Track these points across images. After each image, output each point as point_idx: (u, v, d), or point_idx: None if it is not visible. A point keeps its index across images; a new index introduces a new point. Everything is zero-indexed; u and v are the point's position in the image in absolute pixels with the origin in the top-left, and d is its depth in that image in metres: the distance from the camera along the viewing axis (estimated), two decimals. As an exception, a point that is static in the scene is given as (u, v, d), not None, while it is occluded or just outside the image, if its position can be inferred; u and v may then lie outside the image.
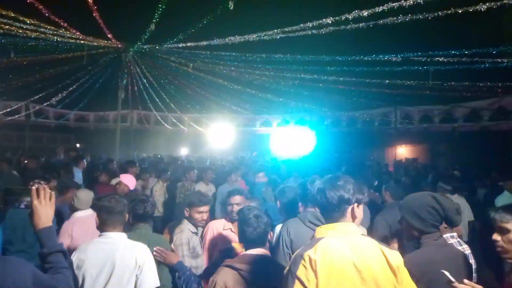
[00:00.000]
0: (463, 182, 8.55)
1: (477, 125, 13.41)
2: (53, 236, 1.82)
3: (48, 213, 1.81)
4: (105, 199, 2.85)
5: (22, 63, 14.41)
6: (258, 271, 2.29)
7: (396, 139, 17.34)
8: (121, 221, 2.82)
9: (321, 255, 1.83)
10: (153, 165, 10.67)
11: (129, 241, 2.79)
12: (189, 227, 3.46)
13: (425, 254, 2.41)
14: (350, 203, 2.01)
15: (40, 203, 1.80)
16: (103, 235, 2.76)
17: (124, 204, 2.86)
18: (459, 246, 2.83)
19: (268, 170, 8.72)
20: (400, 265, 1.90)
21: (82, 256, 2.66)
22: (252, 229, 2.51)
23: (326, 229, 1.99)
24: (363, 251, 1.89)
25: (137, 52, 14.10)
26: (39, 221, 1.78)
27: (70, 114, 21.44)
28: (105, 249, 2.67)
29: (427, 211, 2.51)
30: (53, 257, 1.76)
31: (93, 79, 16.57)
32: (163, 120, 21.62)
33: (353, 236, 1.96)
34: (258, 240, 2.52)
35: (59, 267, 1.75)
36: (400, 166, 14.61)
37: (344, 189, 2.00)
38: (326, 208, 2.03)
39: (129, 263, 2.62)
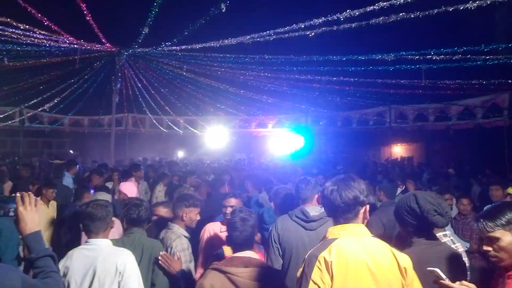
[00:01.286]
0: (458, 180, 8.65)
1: (471, 123, 13.49)
2: (40, 241, 1.81)
3: (34, 219, 1.81)
4: (88, 205, 2.83)
5: (16, 69, 14.35)
6: (245, 274, 2.28)
7: (391, 138, 17.41)
8: (105, 227, 2.78)
9: (336, 256, 1.81)
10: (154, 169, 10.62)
11: (113, 248, 2.76)
12: (182, 231, 3.42)
13: (414, 253, 2.32)
14: (363, 204, 2.00)
15: (26, 209, 1.79)
16: (88, 242, 2.74)
17: (107, 210, 2.81)
18: (452, 244, 2.80)
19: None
20: (408, 266, 1.89)
21: (67, 263, 2.66)
22: (238, 233, 2.51)
23: (339, 230, 1.96)
24: (376, 252, 1.87)
25: (131, 56, 14.07)
26: (26, 227, 1.78)
27: (65, 119, 21.35)
28: (88, 256, 2.65)
29: (406, 210, 2.51)
30: (42, 262, 1.75)
31: (87, 83, 16.54)
32: (158, 123, 21.57)
33: (365, 237, 1.95)
34: (245, 243, 2.51)
35: (48, 271, 1.74)
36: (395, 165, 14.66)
37: (359, 189, 1.98)
38: (340, 209, 1.98)
39: (109, 270, 2.59)
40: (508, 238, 1.98)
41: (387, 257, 1.88)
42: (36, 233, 1.80)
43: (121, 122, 21.23)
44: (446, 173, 10.47)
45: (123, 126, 21.36)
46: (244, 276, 2.25)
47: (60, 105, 17.94)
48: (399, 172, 10.52)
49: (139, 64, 15.43)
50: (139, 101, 18.77)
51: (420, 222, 2.48)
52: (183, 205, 3.49)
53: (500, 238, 1.99)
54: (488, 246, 2.05)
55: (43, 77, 15.47)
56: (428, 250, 2.41)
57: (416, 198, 2.49)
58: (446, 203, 2.67)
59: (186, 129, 21.67)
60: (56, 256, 1.85)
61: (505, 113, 11.99)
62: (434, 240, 2.53)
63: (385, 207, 4.43)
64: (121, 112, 20.19)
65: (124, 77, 15.65)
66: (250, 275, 2.25)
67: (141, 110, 20.37)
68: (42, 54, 13.28)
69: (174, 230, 3.41)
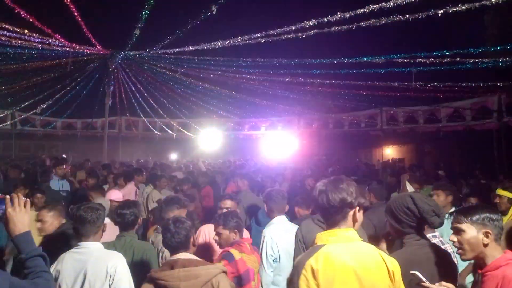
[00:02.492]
0: (448, 181, 8.71)
1: (460, 125, 13.62)
2: (30, 241, 1.82)
3: (24, 220, 1.82)
4: (79, 208, 2.83)
5: (7, 72, 14.26)
6: (170, 276, 2.26)
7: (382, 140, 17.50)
8: (95, 231, 2.78)
9: (323, 264, 1.81)
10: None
11: (103, 251, 2.76)
12: None
13: (405, 254, 2.40)
14: (352, 206, 1.96)
15: (14, 210, 1.80)
16: (78, 246, 2.74)
17: (98, 214, 2.81)
18: (442, 245, 2.84)
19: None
20: (396, 270, 1.91)
21: (58, 267, 2.66)
22: (170, 235, 2.50)
23: (327, 236, 1.95)
24: (364, 258, 1.87)
25: (123, 59, 14.04)
26: (15, 228, 1.79)
27: (57, 122, 21.23)
28: (78, 259, 2.65)
29: (403, 211, 2.53)
30: (32, 262, 1.76)
31: (79, 86, 16.46)
32: (152, 126, 21.52)
33: (354, 242, 1.94)
34: (179, 245, 2.50)
35: (38, 271, 1.75)
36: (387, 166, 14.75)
37: (347, 192, 1.94)
38: (327, 211, 1.97)
39: (100, 273, 2.59)
40: (472, 233, 2.10)
41: (376, 262, 1.88)
42: (26, 234, 1.81)
43: (114, 125, 21.15)
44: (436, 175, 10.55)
45: (116, 129, 21.28)
46: (169, 278, 2.22)
47: (52, 108, 17.86)
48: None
49: (132, 66, 15.40)
50: (132, 103, 18.72)
51: (418, 223, 2.51)
52: (175, 207, 3.50)
53: (465, 231, 2.11)
54: (455, 236, 2.17)
55: (35, 80, 15.38)
56: (419, 251, 2.44)
57: (413, 200, 2.52)
58: (439, 204, 2.77)
59: (179, 131, 21.65)
60: (47, 256, 1.86)
61: (495, 115, 12.11)
62: (425, 241, 2.56)
63: (376, 208, 4.47)
64: (114, 115, 20.11)
65: (117, 79, 15.61)
66: (175, 276, 2.23)
67: (134, 113, 20.31)
68: (34, 56, 13.21)
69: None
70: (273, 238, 3.69)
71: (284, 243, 3.69)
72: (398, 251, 2.50)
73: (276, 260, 3.65)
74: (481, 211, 2.14)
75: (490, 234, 2.07)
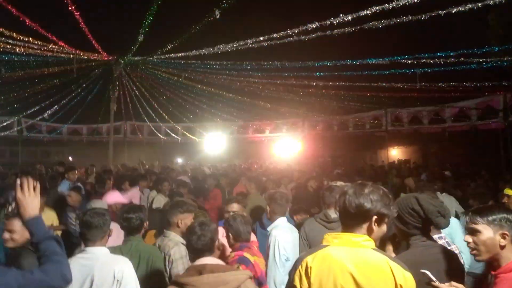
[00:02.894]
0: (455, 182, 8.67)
1: (466, 125, 13.53)
2: (41, 225, 1.82)
3: (34, 203, 1.83)
4: (86, 213, 2.83)
5: (13, 79, 14.39)
6: (199, 281, 2.22)
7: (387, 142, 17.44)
8: (101, 236, 2.77)
9: (318, 263, 1.82)
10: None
11: (110, 256, 2.75)
12: (179, 239, 3.39)
13: (411, 255, 2.36)
14: (369, 215, 1.90)
15: (24, 195, 1.82)
16: (84, 251, 2.73)
17: (104, 219, 2.80)
18: (449, 246, 2.79)
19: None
20: (405, 285, 1.82)
21: None
22: (196, 238, 2.47)
23: (333, 238, 1.95)
24: (368, 265, 1.83)
25: (128, 64, 14.13)
26: (25, 212, 1.81)
27: (63, 128, 21.36)
28: (85, 264, 2.64)
29: (408, 213, 2.50)
30: (44, 245, 1.77)
31: (85, 92, 16.58)
32: (157, 131, 21.58)
33: (362, 249, 1.89)
34: (204, 247, 2.47)
35: (49, 254, 1.75)
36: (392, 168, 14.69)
37: (367, 199, 1.89)
38: (342, 215, 1.97)
39: (107, 278, 2.58)
40: (489, 234, 2.05)
41: (380, 271, 1.83)
42: (36, 218, 1.82)
43: (120, 130, 21.24)
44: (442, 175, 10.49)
45: (122, 134, 21.36)
46: (198, 283, 2.19)
47: (58, 114, 17.99)
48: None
49: (137, 72, 15.49)
50: (137, 109, 18.81)
51: (423, 224, 2.49)
52: (178, 211, 3.47)
53: (481, 232, 2.07)
54: (470, 237, 2.13)
55: (41, 87, 15.52)
56: (425, 252, 2.41)
57: (418, 200, 2.50)
58: (445, 205, 2.73)
59: (184, 136, 21.70)
60: (59, 238, 1.86)
61: (500, 115, 12.03)
62: (431, 242, 2.53)
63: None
64: (119, 120, 20.20)
65: (121, 85, 15.70)
66: (204, 282, 2.20)
67: (139, 117, 20.39)
68: (39, 63, 13.34)
69: (171, 238, 3.39)
70: (283, 238, 3.75)
71: (291, 243, 3.77)
72: (404, 253, 2.47)
73: (288, 259, 3.67)
74: (498, 212, 2.08)
75: (507, 236, 2.02)
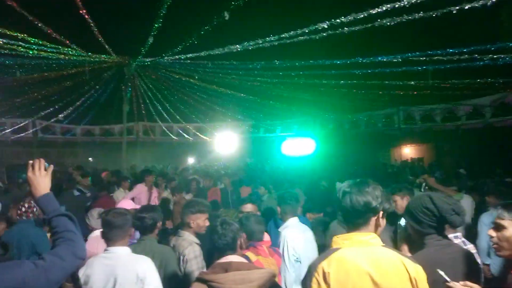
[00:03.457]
0: (470, 180, 8.54)
1: (480, 122, 13.37)
2: (52, 202, 1.86)
3: (45, 182, 1.89)
4: (108, 213, 2.88)
5: (28, 81, 14.64)
6: (225, 279, 2.24)
7: (400, 140, 17.30)
8: (123, 236, 2.82)
9: (335, 267, 1.79)
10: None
11: (132, 255, 2.79)
12: (193, 238, 3.41)
13: (427, 255, 2.34)
14: (376, 211, 1.92)
15: (34, 174, 1.88)
16: (107, 250, 2.78)
17: (126, 219, 2.85)
18: (465, 246, 2.76)
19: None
20: (419, 278, 1.83)
21: (88, 271, 2.69)
22: (217, 237, 2.48)
23: (343, 239, 1.93)
24: (382, 263, 1.82)
25: (139, 65, 14.25)
26: (36, 191, 1.86)
27: (77, 129, 21.66)
28: (107, 264, 2.68)
29: (422, 211, 2.48)
30: (55, 221, 1.81)
31: (97, 93, 16.79)
32: (169, 131, 21.74)
33: (372, 247, 1.89)
34: (227, 247, 2.48)
35: (61, 231, 1.78)
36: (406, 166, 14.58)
37: (372, 195, 1.90)
38: (350, 214, 1.93)
39: (130, 277, 2.62)
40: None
41: (395, 267, 1.82)
42: (47, 195, 1.87)
43: (132, 131, 21.45)
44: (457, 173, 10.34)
45: (134, 134, 21.58)
46: (224, 281, 2.21)
47: (72, 115, 18.24)
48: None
49: (148, 73, 15.61)
50: (149, 109, 18.96)
51: (438, 223, 2.45)
52: (189, 211, 3.49)
53: (506, 228, 2.05)
54: (494, 232, 2.12)
55: (54, 89, 15.75)
56: (441, 251, 2.37)
57: (431, 199, 2.47)
58: (460, 203, 2.69)
59: (195, 136, 21.82)
60: (72, 215, 1.88)
61: (515, 112, 11.87)
62: (447, 241, 2.50)
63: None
64: (131, 121, 20.40)
65: (133, 86, 15.85)
66: (230, 279, 2.22)
67: (151, 118, 20.56)
68: (53, 66, 13.54)
69: (185, 237, 3.41)
70: (292, 239, 3.73)
71: (302, 243, 3.73)
72: (419, 252, 2.44)
73: (298, 259, 3.67)
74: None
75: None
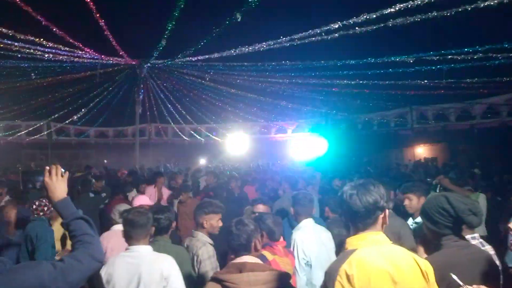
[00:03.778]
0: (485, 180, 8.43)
1: (495, 121, 13.16)
2: (69, 206, 1.89)
3: (61, 187, 1.92)
4: (130, 212, 2.90)
5: (42, 84, 14.88)
6: (240, 279, 2.24)
7: (413, 140, 17.09)
8: (145, 234, 2.84)
9: (357, 269, 1.78)
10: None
11: (154, 254, 2.81)
12: (207, 239, 3.42)
13: (444, 256, 2.28)
14: (383, 209, 1.94)
15: (51, 179, 1.90)
16: (129, 249, 2.80)
17: (148, 217, 2.88)
18: (483, 247, 2.68)
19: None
20: (429, 271, 1.87)
21: (110, 270, 2.71)
22: (232, 237, 2.48)
23: (357, 240, 1.92)
24: (397, 260, 1.83)
25: (152, 67, 14.38)
26: (53, 195, 1.90)
27: (90, 131, 21.92)
28: (131, 262, 2.70)
29: (438, 212, 2.42)
30: (73, 225, 1.84)
31: (110, 95, 17.00)
32: (180, 132, 21.87)
33: (385, 245, 1.89)
34: (242, 247, 2.47)
35: (79, 234, 1.81)
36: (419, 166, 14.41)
37: (379, 194, 1.92)
38: (359, 214, 1.92)
39: (155, 276, 2.64)
40: None
41: (409, 264, 1.84)
42: (65, 199, 1.91)
43: (144, 132, 21.63)
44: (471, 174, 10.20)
45: (146, 135, 21.76)
46: (238, 281, 2.21)
47: (85, 117, 18.49)
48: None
49: (160, 75, 15.74)
50: (162, 110, 19.11)
51: (454, 223, 2.39)
52: (203, 212, 3.50)
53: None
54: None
55: (68, 91, 15.98)
56: (458, 253, 2.31)
57: (448, 199, 2.41)
58: (478, 204, 2.64)
59: (207, 137, 21.91)
60: (88, 218, 1.91)
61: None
62: (464, 243, 2.43)
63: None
64: (144, 122, 20.58)
65: (146, 88, 16.00)
66: (245, 280, 2.21)
67: (163, 119, 20.72)
68: (67, 69, 13.74)
69: (199, 238, 3.41)
70: (303, 241, 3.63)
71: (314, 246, 3.63)
72: (435, 253, 2.38)
73: (308, 263, 3.60)
74: None
75: None
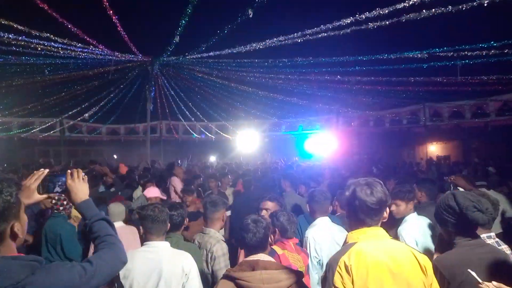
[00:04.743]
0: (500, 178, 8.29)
1: (510, 119, 12.93)
2: (91, 207, 1.95)
3: (83, 189, 1.97)
4: (148, 208, 2.91)
5: (56, 81, 15.05)
6: (252, 277, 2.23)
7: (426, 137, 16.87)
8: (164, 230, 2.88)
9: (356, 260, 1.84)
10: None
11: (173, 250, 2.83)
12: (219, 236, 3.43)
13: (456, 255, 2.31)
14: (387, 205, 2.02)
15: (74, 182, 1.96)
16: (148, 244, 2.81)
17: (166, 213, 2.92)
18: (499, 246, 2.65)
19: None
20: (427, 266, 1.90)
21: (128, 265, 2.64)
22: (251, 235, 2.45)
23: (358, 234, 1.99)
24: (396, 253, 1.89)
25: (163, 65, 14.43)
26: (76, 197, 1.94)
27: (102, 128, 22.12)
28: (151, 258, 2.72)
29: (445, 209, 2.44)
30: (95, 226, 1.88)
31: (122, 93, 17.11)
32: (191, 129, 21.96)
33: (385, 240, 1.96)
34: (258, 245, 2.45)
35: (103, 235, 1.85)
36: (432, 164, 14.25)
37: (384, 192, 1.99)
38: (372, 211, 1.98)
39: (176, 271, 2.66)
40: None
41: (408, 257, 1.89)
42: (87, 201, 1.96)
43: (156, 129, 21.75)
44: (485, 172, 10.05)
45: (158, 133, 21.88)
46: (251, 279, 2.20)
47: (97, 114, 18.66)
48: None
49: (172, 72, 15.80)
50: (173, 108, 19.19)
51: (460, 220, 2.39)
52: (215, 209, 3.52)
53: None
54: None
55: (81, 88, 16.13)
56: (471, 252, 2.32)
57: (454, 196, 2.43)
58: (487, 201, 2.58)
59: (217, 134, 21.96)
60: (109, 219, 1.98)
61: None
62: (478, 242, 2.42)
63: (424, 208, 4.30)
64: (155, 120, 20.69)
65: (157, 85, 16.07)
66: (257, 278, 2.21)
67: (174, 117, 20.80)
68: (80, 66, 13.87)
69: (212, 235, 3.41)
70: (316, 239, 3.59)
71: (327, 245, 3.56)
72: (447, 252, 2.40)
73: (320, 261, 3.55)
74: None
75: None
